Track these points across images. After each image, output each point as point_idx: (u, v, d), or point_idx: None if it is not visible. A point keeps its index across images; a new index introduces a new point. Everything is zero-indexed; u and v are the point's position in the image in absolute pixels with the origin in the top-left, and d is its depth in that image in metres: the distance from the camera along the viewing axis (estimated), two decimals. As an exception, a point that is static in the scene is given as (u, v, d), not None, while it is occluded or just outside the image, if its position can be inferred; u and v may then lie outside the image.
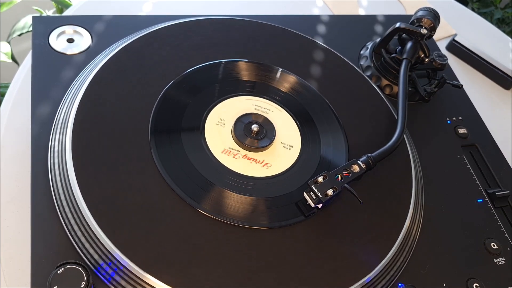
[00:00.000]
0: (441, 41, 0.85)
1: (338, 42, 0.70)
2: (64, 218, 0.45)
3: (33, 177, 0.47)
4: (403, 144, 0.58)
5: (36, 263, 0.42)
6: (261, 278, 0.44)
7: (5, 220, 0.48)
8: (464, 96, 0.71)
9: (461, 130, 0.66)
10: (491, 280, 0.53)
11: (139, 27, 0.61)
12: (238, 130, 0.53)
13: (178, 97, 0.54)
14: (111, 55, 0.55)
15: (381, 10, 0.83)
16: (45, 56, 0.56)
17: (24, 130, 0.54)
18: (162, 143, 0.50)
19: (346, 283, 0.46)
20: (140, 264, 0.42)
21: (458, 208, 0.57)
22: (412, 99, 0.66)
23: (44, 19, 0.60)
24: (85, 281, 0.41)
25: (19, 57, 0.96)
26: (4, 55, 0.92)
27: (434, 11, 0.64)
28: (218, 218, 0.46)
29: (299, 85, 0.60)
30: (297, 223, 0.48)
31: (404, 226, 0.51)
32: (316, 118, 0.58)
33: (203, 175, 0.49)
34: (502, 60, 0.83)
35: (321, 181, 0.48)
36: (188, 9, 0.74)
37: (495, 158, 0.65)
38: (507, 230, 0.58)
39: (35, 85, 0.53)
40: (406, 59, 0.62)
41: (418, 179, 0.57)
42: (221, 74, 0.58)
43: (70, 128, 0.48)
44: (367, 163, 0.50)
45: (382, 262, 0.48)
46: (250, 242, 0.46)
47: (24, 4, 1.08)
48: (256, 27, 0.65)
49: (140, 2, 0.73)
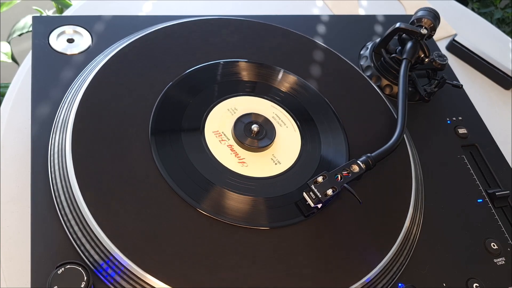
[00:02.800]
0: (441, 41, 0.85)
1: (338, 42, 0.70)
2: (64, 218, 0.45)
3: (33, 177, 0.47)
4: (403, 144, 0.58)
5: (36, 263, 0.42)
6: (261, 278, 0.44)
7: (5, 220, 0.48)
8: (464, 96, 0.71)
9: (461, 130, 0.66)
10: (491, 280, 0.52)
11: (139, 27, 0.61)
12: (238, 130, 0.53)
13: (178, 97, 0.54)
14: (111, 55, 0.55)
15: (381, 10, 0.84)
16: (45, 56, 0.56)
17: (24, 130, 0.54)
18: (162, 143, 0.50)
19: (346, 283, 0.46)
20: (140, 264, 0.42)
21: (458, 208, 0.57)
22: (412, 99, 0.66)
23: (44, 19, 0.60)
24: (85, 281, 0.41)
25: (19, 57, 0.96)
26: (4, 55, 0.92)
27: (434, 11, 0.64)
28: (218, 218, 0.46)
29: (299, 85, 0.60)
30: (297, 223, 0.48)
31: (404, 226, 0.51)
32: (316, 118, 0.58)
33: (203, 175, 0.49)
34: (502, 60, 0.83)
35: (320, 181, 0.48)
36: (188, 9, 0.74)
37: (495, 158, 0.65)
38: (507, 230, 0.58)
39: (35, 85, 0.53)
40: (406, 59, 0.62)
41: (418, 179, 0.57)
42: (221, 74, 0.58)
43: (70, 128, 0.48)
44: (366, 163, 0.50)
45: (382, 262, 0.48)
46: (250, 242, 0.46)
47: (24, 4, 1.08)
48: (256, 27, 0.65)
49: (140, 2, 0.73)
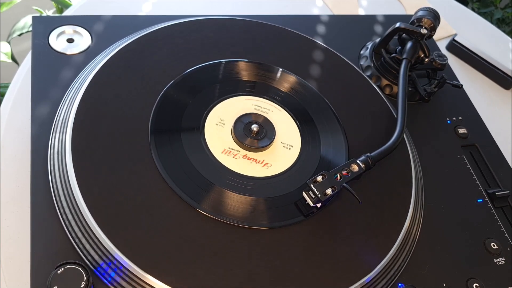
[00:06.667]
0: (441, 41, 0.85)
1: (338, 42, 0.70)
2: (64, 218, 0.45)
3: (33, 177, 0.47)
4: (403, 144, 0.58)
5: (36, 263, 0.42)
6: (261, 278, 0.44)
7: (5, 220, 0.48)
8: (464, 96, 0.71)
9: (461, 130, 0.66)
10: (491, 280, 0.52)
11: (139, 27, 0.61)
12: (238, 130, 0.53)
13: (178, 97, 0.54)
14: (111, 55, 0.55)
15: (381, 10, 0.83)
16: (45, 56, 0.56)
17: (24, 130, 0.54)
18: (162, 143, 0.50)
19: (346, 283, 0.46)
20: (140, 264, 0.42)
21: (458, 208, 0.57)
22: (412, 99, 0.66)
23: (44, 19, 0.60)
24: (85, 281, 0.41)
25: (19, 57, 0.96)
26: (4, 55, 0.92)
27: (434, 11, 0.64)
28: (218, 218, 0.46)
29: (299, 85, 0.60)
30: (297, 223, 0.48)
31: (404, 226, 0.51)
32: (316, 118, 0.58)
33: (203, 175, 0.49)
34: (502, 60, 0.83)
35: (320, 181, 0.48)
36: (188, 9, 0.74)
37: (495, 158, 0.65)
38: (507, 230, 0.58)
39: (35, 85, 0.53)
40: (406, 59, 0.62)
41: (418, 179, 0.57)
42: (221, 74, 0.58)
43: (70, 128, 0.48)
44: (366, 162, 0.50)
45: (382, 262, 0.48)
46: (250, 242, 0.46)
47: (24, 4, 1.08)
48: (256, 27, 0.65)
49: (140, 2, 0.73)
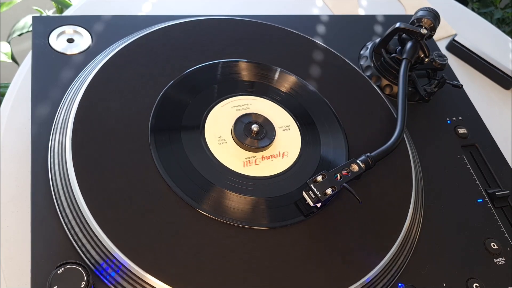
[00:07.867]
0: (441, 41, 0.85)
1: (338, 42, 0.70)
2: (64, 218, 0.45)
3: (33, 177, 0.47)
4: (403, 144, 0.58)
5: (36, 263, 0.42)
6: (261, 278, 0.44)
7: (5, 220, 0.48)
8: (464, 96, 0.71)
9: (461, 130, 0.66)
10: (491, 280, 0.52)
11: (139, 27, 0.61)
12: (238, 130, 0.53)
13: (178, 97, 0.54)
14: (111, 55, 0.55)
15: (381, 10, 0.83)
16: (45, 56, 0.56)
17: (24, 130, 0.54)
18: (162, 143, 0.50)
19: (346, 283, 0.46)
20: (140, 264, 0.42)
21: (458, 208, 0.57)
22: (412, 99, 0.66)
23: (44, 19, 0.60)
24: (85, 281, 0.41)
25: (19, 57, 0.96)
26: (4, 55, 0.92)
27: (434, 11, 0.64)
28: (218, 218, 0.46)
29: (299, 85, 0.60)
30: (298, 223, 0.48)
31: (404, 226, 0.51)
32: (316, 118, 0.58)
33: (203, 175, 0.49)
34: (502, 60, 0.83)
35: (320, 180, 0.48)
36: (188, 9, 0.74)
37: (495, 158, 0.65)
38: (507, 230, 0.58)
39: (35, 85, 0.53)
40: (406, 59, 0.62)
41: (418, 179, 0.56)
42: (221, 74, 0.58)
43: (70, 128, 0.48)
44: (366, 162, 0.50)
45: (382, 261, 0.48)
46: (250, 242, 0.46)
47: (24, 4, 1.08)
48: (256, 27, 0.65)
49: (140, 2, 0.73)
